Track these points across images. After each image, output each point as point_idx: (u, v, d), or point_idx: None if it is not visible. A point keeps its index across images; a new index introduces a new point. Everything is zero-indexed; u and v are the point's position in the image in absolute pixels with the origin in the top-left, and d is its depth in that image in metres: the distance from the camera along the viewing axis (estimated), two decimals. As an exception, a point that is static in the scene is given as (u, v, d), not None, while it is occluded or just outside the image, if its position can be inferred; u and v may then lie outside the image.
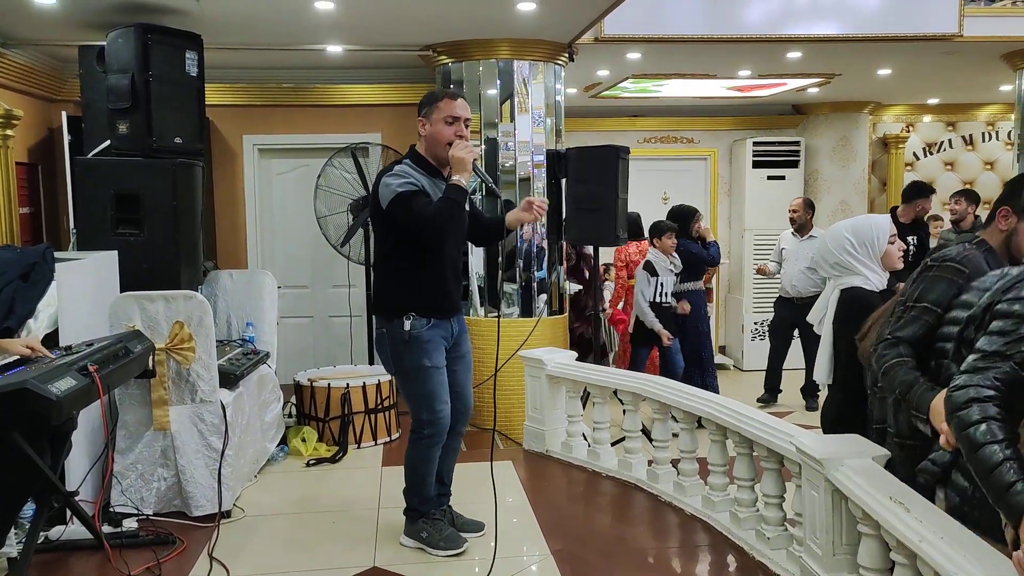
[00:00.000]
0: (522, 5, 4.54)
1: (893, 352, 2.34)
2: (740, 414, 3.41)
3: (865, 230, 3.08)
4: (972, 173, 9.26)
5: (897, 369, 2.31)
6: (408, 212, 3.15)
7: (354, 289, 6.38)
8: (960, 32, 5.69)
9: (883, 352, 2.37)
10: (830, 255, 3.11)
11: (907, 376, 2.27)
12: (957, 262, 2.37)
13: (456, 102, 3.27)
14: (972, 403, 1.87)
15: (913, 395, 2.23)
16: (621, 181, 5.20)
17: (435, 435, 3.37)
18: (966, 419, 1.86)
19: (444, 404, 3.36)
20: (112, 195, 4.17)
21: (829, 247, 3.12)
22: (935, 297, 2.33)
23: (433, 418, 3.35)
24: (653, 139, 8.90)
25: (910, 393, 2.24)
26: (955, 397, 1.91)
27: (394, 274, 3.32)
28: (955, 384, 1.94)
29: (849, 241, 3.06)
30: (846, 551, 2.70)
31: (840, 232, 3.12)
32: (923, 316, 2.33)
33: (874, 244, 3.05)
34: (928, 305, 2.33)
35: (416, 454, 3.41)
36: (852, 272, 3.06)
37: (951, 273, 2.35)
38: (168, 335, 3.71)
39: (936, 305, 2.32)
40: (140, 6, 4.36)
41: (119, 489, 3.73)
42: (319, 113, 6.55)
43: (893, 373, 2.31)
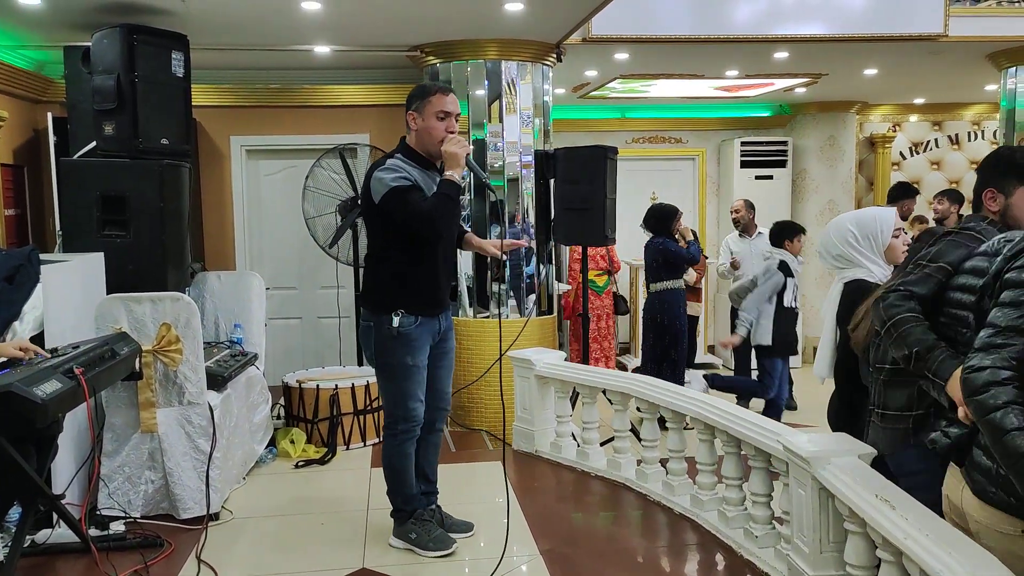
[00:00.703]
0: (510, 5, 4.55)
1: (906, 305, 2.25)
2: (728, 413, 3.42)
3: (869, 222, 3.05)
4: (958, 172, 9.32)
5: (913, 325, 2.20)
6: (404, 207, 3.14)
7: (342, 290, 6.37)
8: (945, 32, 5.73)
9: (895, 302, 2.26)
10: (833, 247, 3.09)
11: (926, 336, 2.17)
12: (976, 231, 2.32)
13: (448, 97, 3.27)
14: (990, 387, 1.80)
15: (933, 359, 2.12)
16: (609, 181, 5.21)
17: (408, 431, 3.39)
18: (987, 404, 1.79)
19: (419, 403, 3.38)
20: (98, 196, 4.14)
21: (832, 239, 3.10)
22: (951, 259, 2.26)
23: (407, 415, 3.36)
24: (642, 139, 8.92)
25: (930, 356, 2.13)
26: (972, 379, 1.84)
27: (385, 269, 3.32)
28: (970, 364, 1.87)
29: (852, 233, 3.04)
30: (833, 549, 2.71)
31: (844, 224, 3.09)
32: (937, 274, 2.26)
33: (878, 237, 3.02)
34: (943, 264, 2.27)
35: (391, 451, 3.42)
36: (855, 264, 3.03)
37: (967, 239, 2.29)
38: (155, 337, 3.69)
39: (951, 266, 2.25)
40: (125, 6, 4.34)
41: (106, 492, 3.71)
42: (307, 114, 6.53)
43: (907, 328, 2.20)
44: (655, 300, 6.12)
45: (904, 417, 2.43)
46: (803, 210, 8.92)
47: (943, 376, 2.09)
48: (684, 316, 6.17)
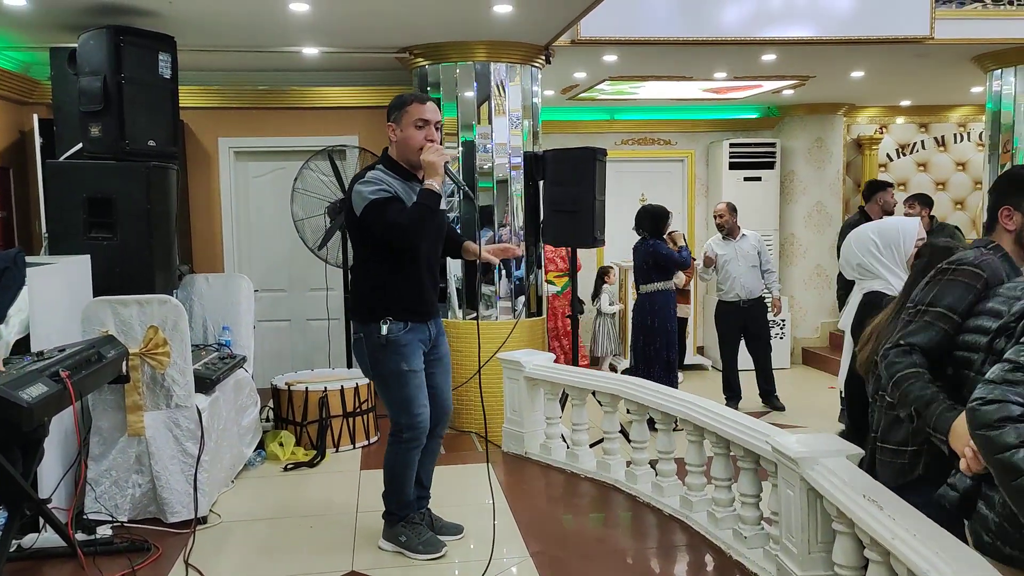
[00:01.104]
0: (498, 7, 4.55)
1: (906, 361, 2.16)
2: (717, 414, 3.43)
3: (891, 233, 3.01)
4: (944, 174, 9.38)
5: (912, 382, 2.12)
6: (382, 219, 3.14)
7: (332, 292, 6.35)
8: (931, 34, 5.77)
9: (895, 360, 2.19)
10: (854, 256, 3.05)
11: (924, 391, 2.09)
12: (974, 266, 2.21)
13: (425, 105, 3.26)
14: (1005, 423, 1.69)
15: (931, 413, 2.05)
16: (598, 183, 5.22)
17: (414, 439, 3.36)
18: (1000, 441, 1.69)
19: (423, 408, 3.35)
20: (84, 199, 4.12)
21: (853, 248, 3.06)
22: (951, 302, 2.17)
23: (412, 422, 3.34)
24: (630, 141, 8.94)
25: (927, 411, 2.06)
26: (983, 413, 1.74)
27: (371, 278, 3.31)
28: (981, 397, 1.77)
29: (874, 243, 3.00)
30: (821, 549, 2.72)
31: (866, 233, 3.06)
32: (938, 322, 2.18)
33: (900, 247, 2.98)
34: (943, 311, 2.17)
35: (395, 458, 3.39)
36: (875, 275, 2.99)
37: (968, 277, 2.19)
38: (142, 340, 3.67)
39: (952, 311, 2.17)
40: (112, 8, 4.32)
41: (93, 496, 3.69)
42: (295, 115, 6.51)
43: (908, 386, 2.13)
44: (645, 302, 6.13)
45: (902, 452, 2.36)
46: (791, 211, 8.95)
47: (942, 430, 2.00)
48: (675, 318, 6.19)
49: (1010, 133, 6.27)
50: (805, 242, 8.90)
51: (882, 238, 3.00)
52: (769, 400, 6.82)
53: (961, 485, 2.01)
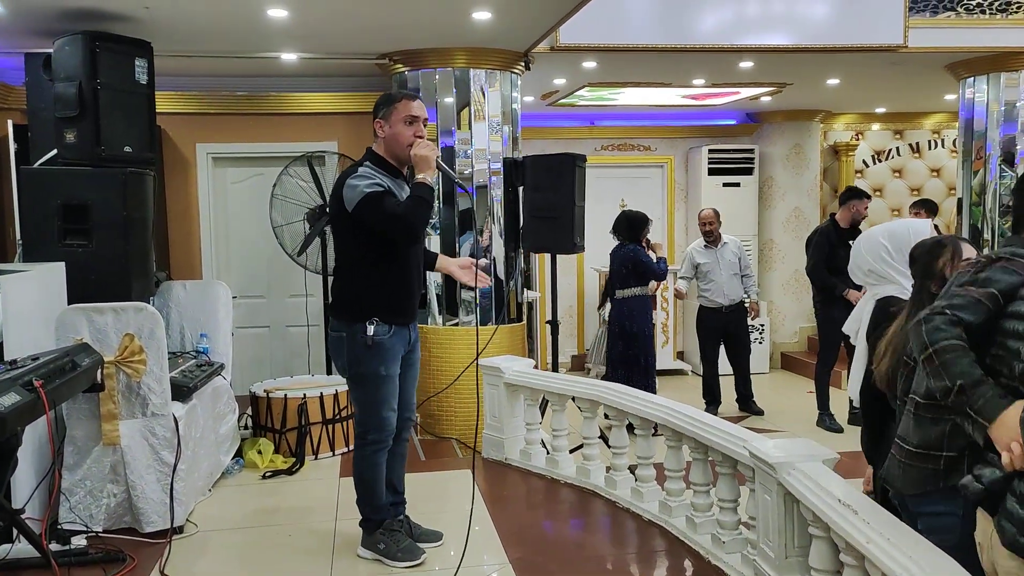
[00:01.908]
0: (478, 14, 4.56)
1: (953, 332, 1.97)
2: (696, 420, 3.45)
3: (902, 236, 2.91)
4: (919, 180, 9.50)
5: (960, 354, 1.94)
6: (378, 212, 3.13)
7: (311, 298, 6.32)
8: (905, 43, 5.84)
9: (940, 327, 1.99)
10: (864, 262, 2.97)
11: (973, 369, 1.92)
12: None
13: (414, 102, 3.28)
14: None
15: (979, 395, 1.89)
16: (578, 189, 5.24)
17: (379, 441, 3.37)
18: None
19: (391, 412, 3.36)
20: (59, 205, 4.07)
21: (864, 254, 2.98)
22: (1003, 287, 2.01)
23: (379, 424, 3.34)
24: (610, 147, 8.98)
25: (975, 391, 1.90)
26: None
27: (357, 278, 3.30)
28: None
29: (885, 248, 2.92)
30: (798, 553, 2.74)
31: (876, 238, 2.98)
32: (987, 302, 2.00)
33: None
34: (994, 291, 2.01)
35: (362, 461, 3.40)
36: (888, 280, 2.90)
37: (1019, 267, 2.05)
38: (118, 348, 3.63)
39: (1002, 294, 2.01)
40: (88, 13, 4.28)
41: (67, 506, 3.64)
42: (274, 121, 6.48)
43: (953, 356, 1.95)
44: (623, 307, 6.16)
45: (934, 457, 2.21)
46: (770, 217, 9.03)
47: (989, 416, 1.86)
48: (652, 323, 6.23)
49: (983, 140, 6.36)
50: (783, 247, 8.98)
51: (893, 242, 2.91)
52: (747, 405, 6.87)
53: (989, 478, 1.87)
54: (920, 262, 2.56)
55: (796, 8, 5.78)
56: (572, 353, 9.04)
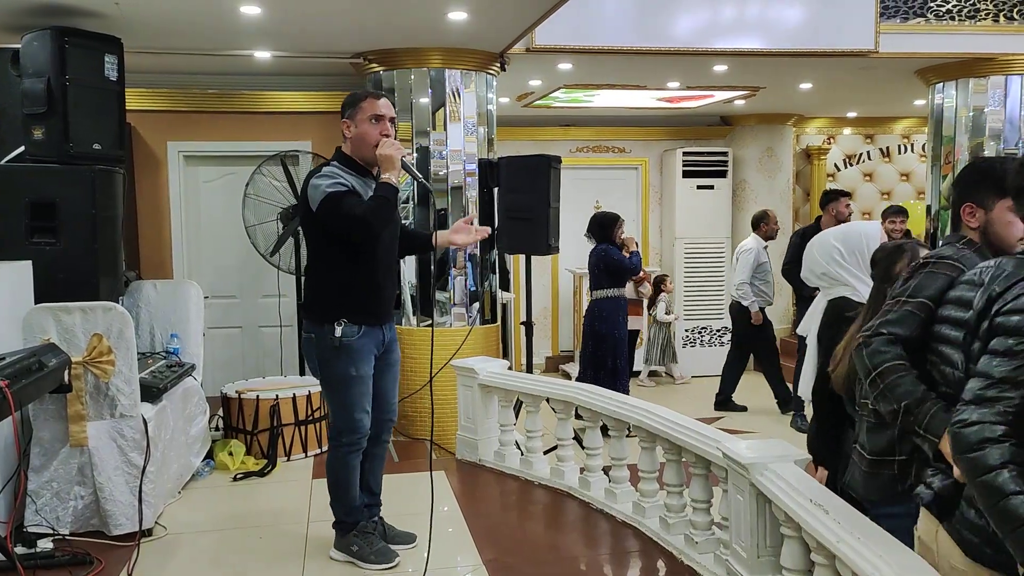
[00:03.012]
0: (453, 14, 4.55)
1: (892, 351, 2.04)
2: (669, 421, 3.46)
3: (855, 239, 2.98)
4: (889, 184, 9.63)
5: (901, 375, 2.01)
6: (339, 212, 3.11)
7: (284, 299, 6.27)
8: (876, 48, 5.92)
9: (880, 348, 2.06)
10: (817, 265, 3.02)
11: (915, 387, 1.98)
12: (954, 259, 2.14)
13: (379, 101, 3.26)
14: (986, 444, 1.65)
15: (924, 413, 1.94)
16: (553, 190, 5.24)
17: (353, 443, 3.35)
18: (981, 463, 1.65)
19: (364, 413, 3.33)
20: (27, 203, 4.00)
21: (817, 257, 3.03)
22: (932, 293, 2.07)
23: (352, 426, 3.32)
24: (585, 148, 9.00)
25: (919, 409, 1.95)
26: (964, 435, 1.69)
27: (326, 278, 3.28)
28: (962, 418, 1.71)
29: (837, 250, 2.98)
30: (770, 553, 2.76)
31: (828, 241, 3.03)
32: (919, 312, 2.07)
33: (864, 253, 2.94)
34: (924, 300, 2.07)
35: (335, 463, 3.38)
36: (840, 283, 2.96)
37: (948, 269, 2.11)
38: (86, 348, 3.58)
39: (932, 301, 2.07)
40: (56, 8, 4.21)
41: (33, 508, 3.58)
42: (247, 120, 6.42)
43: (895, 378, 2.01)
44: (594, 308, 6.18)
45: (888, 462, 2.27)
46: (743, 220, 9.08)
47: (935, 432, 1.91)
48: (624, 325, 6.22)
49: (951, 145, 6.46)
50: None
51: (846, 245, 2.98)
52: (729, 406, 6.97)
53: (940, 484, 1.92)
54: (880, 266, 2.62)
55: (769, 13, 5.84)
56: (547, 354, 9.04)
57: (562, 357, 9.08)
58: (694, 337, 8.83)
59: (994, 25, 6.22)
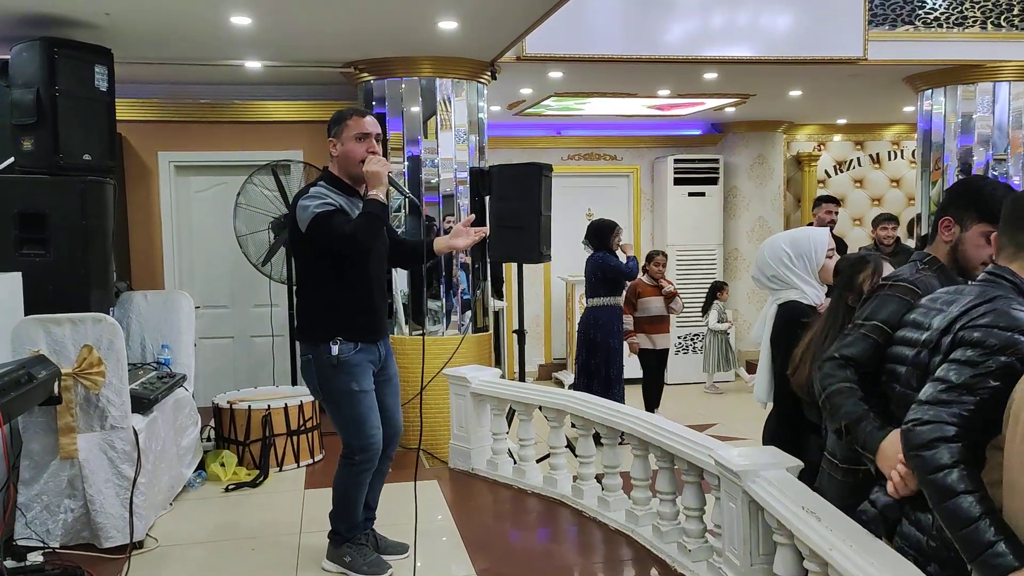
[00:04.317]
0: (444, 24, 4.56)
1: (840, 375, 2.16)
2: (661, 428, 3.46)
3: (803, 243, 3.03)
4: (880, 190, 9.67)
5: (844, 398, 2.12)
6: (328, 231, 3.11)
7: (276, 308, 6.26)
8: (865, 56, 5.95)
9: (830, 372, 2.18)
10: (767, 267, 3.06)
11: (855, 408, 2.09)
12: (910, 282, 2.22)
13: (365, 119, 3.25)
14: (938, 443, 1.70)
15: (861, 431, 2.04)
16: (544, 198, 5.25)
17: (367, 461, 3.31)
18: (933, 462, 1.69)
19: (376, 429, 3.30)
20: (16, 214, 3.99)
21: (767, 259, 3.07)
22: (886, 316, 2.16)
23: (365, 444, 3.28)
24: (577, 156, 9.02)
25: (857, 428, 2.06)
26: (917, 433, 1.74)
27: (318, 298, 3.26)
28: (915, 417, 1.77)
29: (787, 253, 3.02)
30: (763, 561, 2.75)
31: (778, 244, 3.07)
32: (872, 335, 2.17)
33: (812, 257, 3.00)
34: (878, 323, 2.17)
35: (347, 479, 3.34)
36: (789, 286, 3.01)
37: (903, 292, 2.19)
38: (76, 359, 3.56)
39: (886, 324, 2.15)
40: (46, 19, 4.21)
41: (23, 521, 3.55)
42: (238, 130, 6.42)
43: (838, 401, 2.13)
44: (589, 316, 6.17)
45: (853, 471, 2.31)
46: (735, 226, 9.13)
47: (870, 449, 2.00)
48: (619, 334, 6.21)
49: (940, 151, 6.49)
50: (748, 256, 9.07)
51: (794, 248, 3.03)
52: None
53: (881, 503, 2.01)
54: (843, 275, 2.70)
55: (759, 21, 5.87)
56: (539, 362, 9.04)
57: (555, 365, 9.09)
58: (686, 344, 8.84)
59: (982, 32, 6.26)
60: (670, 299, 6.54)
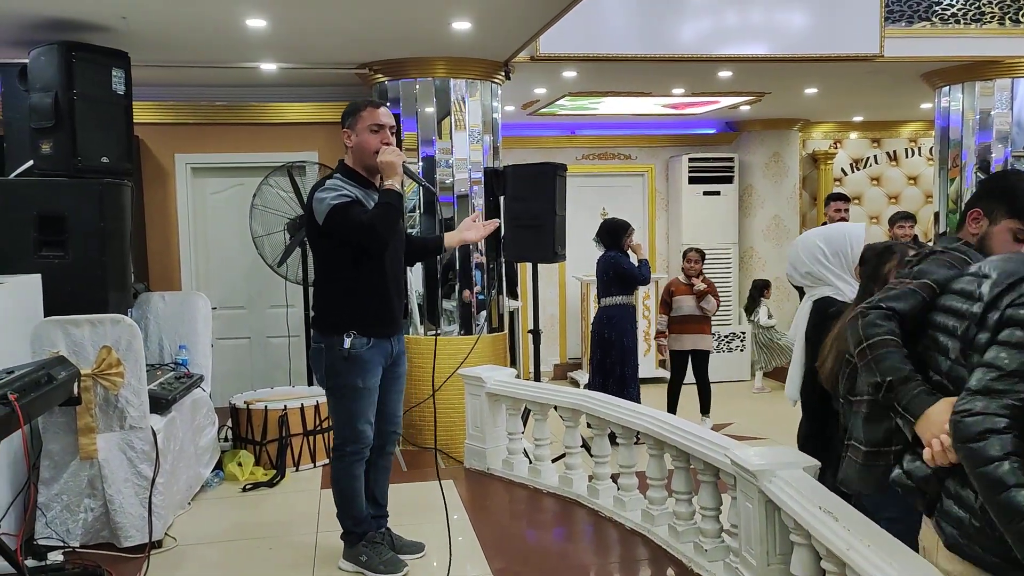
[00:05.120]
0: (457, 24, 4.56)
1: (887, 326, 1.99)
2: (677, 428, 3.45)
3: (839, 239, 3.00)
4: (897, 188, 9.60)
5: (891, 349, 1.96)
6: (345, 222, 3.12)
7: (292, 309, 6.29)
8: (881, 52, 5.91)
9: (876, 321, 2.01)
10: (802, 264, 3.03)
11: (903, 365, 1.94)
12: (963, 252, 2.12)
13: (379, 110, 3.27)
14: (989, 435, 1.64)
15: (907, 391, 1.90)
16: (559, 198, 5.24)
17: (356, 452, 3.35)
18: (983, 454, 1.63)
19: (368, 424, 3.34)
20: (35, 216, 4.02)
21: (801, 256, 3.04)
22: (937, 277, 2.03)
23: (355, 435, 3.33)
24: (591, 156, 9.01)
25: (904, 387, 1.91)
26: (967, 424, 1.67)
27: (335, 291, 3.28)
28: (964, 407, 1.69)
29: (821, 250, 2.98)
30: (780, 561, 2.74)
31: (812, 240, 3.04)
32: (922, 291, 2.03)
33: (847, 254, 2.96)
34: (929, 282, 2.03)
35: (340, 473, 3.38)
36: (824, 283, 2.97)
37: (954, 260, 2.09)
38: (95, 360, 3.59)
39: (937, 284, 2.02)
40: (64, 23, 4.25)
41: (43, 521, 3.59)
42: (254, 131, 6.46)
43: (885, 352, 1.97)
44: (603, 315, 6.16)
45: (884, 454, 2.19)
46: (750, 225, 9.08)
47: (914, 412, 1.88)
48: (633, 333, 6.19)
49: (958, 148, 6.44)
50: (764, 255, 9.03)
51: (829, 245, 2.99)
52: None
53: (918, 473, 1.90)
54: (868, 265, 2.61)
55: (774, 18, 5.84)
56: (555, 362, 9.04)
57: (570, 364, 9.08)
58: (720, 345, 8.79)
59: (1000, 28, 6.20)
60: (700, 298, 6.39)
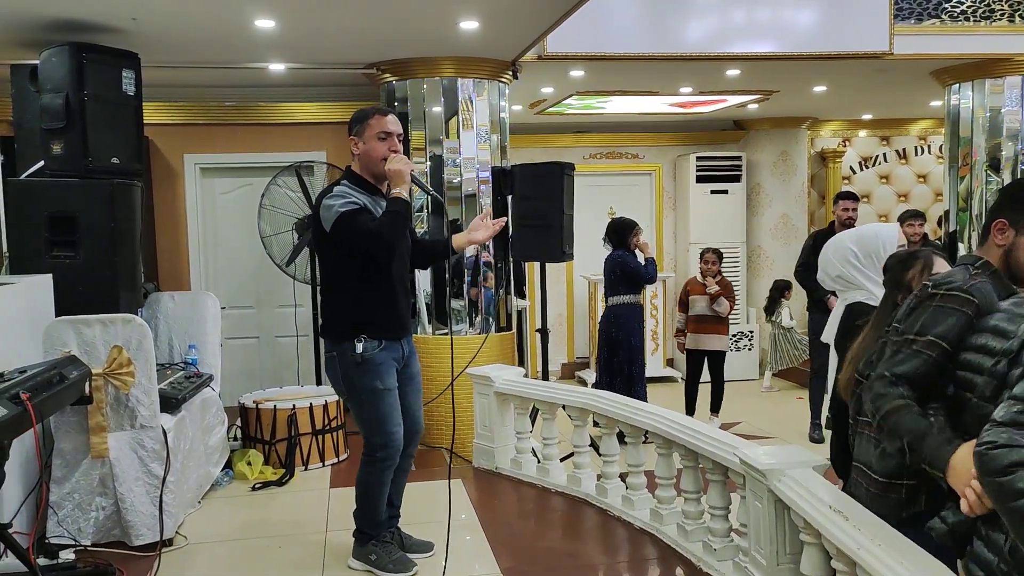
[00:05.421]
0: (465, 24, 4.57)
1: (893, 392, 2.02)
2: (685, 427, 3.45)
3: (871, 240, 2.90)
4: (906, 186, 9.56)
5: (902, 414, 1.98)
6: (353, 230, 3.13)
7: (300, 308, 6.30)
8: (890, 50, 5.89)
9: (881, 391, 2.04)
10: (833, 267, 2.96)
11: (917, 424, 1.95)
12: (964, 291, 2.04)
13: (387, 118, 3.27)
14: (1017, 468, 1.59)
15: (927, 448, 1.91)
16: (567, 197, 5.25)
17: (388, 458, 3.34)
18: (1013, 487, 1.58)
19: (397, 426, 3.33)
20: (46, 217, 4.05)
21: (832, 259, 2.97)
22: (942, 331, 2.01)
23: (386, 441, 3.31)
24: (598, 155, 9.01)
25: (923, 445, 1.92)
26: (992, 457, 1.63)
27: (343, 297, 3.29)
28: (989, 440, 1.66)
29: (853, 252, 2.91)
30: (789, 560, 2.74)
31: (843, 243, 2.96)
32: (926, 351, 2.02)
33: (880, 256, 2.84)
34: (932, 339, 2.02)
35: (369, 477, 3.36)
36: (856, 286, 2.90)
37: (958, 303, 2.03)
38: (106, 360, 3.61)
39: (941, 339, 2.01)
40: (75, 24, 4.27)
41: (55, 520, 3.61)
42: (262, 131, 6.48)
43: (897, 418, 1.99)
44: (610, 314, 6.16)
45: (896, 486, 2.18)
46: (758, 224, 9.06)
47: (939, 467, 1.87)
48: (640, 332, 6.19)
49: (968, 146, 6.42)
50: (772, 254, 9.01)
51: (861, 247, 2.91)
52: None
53: (952, 519, 1.91)
54: (892, 272, 2.55)
55: (782, 16, 5.83)
56: (563, 361, 9.04)
57: (578, 364, 9.08)
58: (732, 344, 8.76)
59: (1009, 25, 6.17)
60: (713, 299, 6.38)
